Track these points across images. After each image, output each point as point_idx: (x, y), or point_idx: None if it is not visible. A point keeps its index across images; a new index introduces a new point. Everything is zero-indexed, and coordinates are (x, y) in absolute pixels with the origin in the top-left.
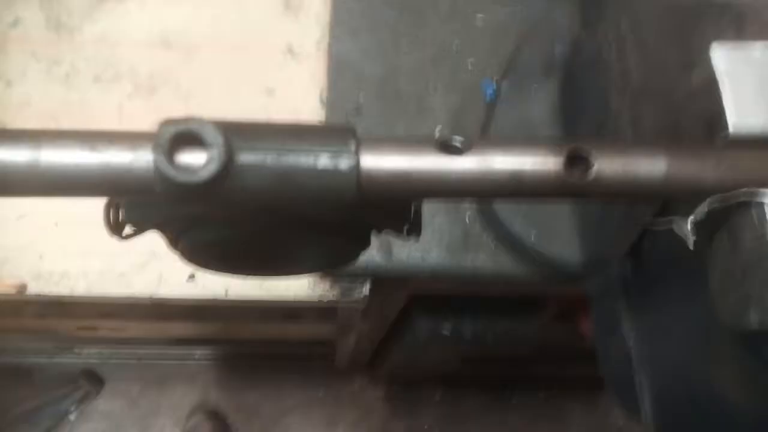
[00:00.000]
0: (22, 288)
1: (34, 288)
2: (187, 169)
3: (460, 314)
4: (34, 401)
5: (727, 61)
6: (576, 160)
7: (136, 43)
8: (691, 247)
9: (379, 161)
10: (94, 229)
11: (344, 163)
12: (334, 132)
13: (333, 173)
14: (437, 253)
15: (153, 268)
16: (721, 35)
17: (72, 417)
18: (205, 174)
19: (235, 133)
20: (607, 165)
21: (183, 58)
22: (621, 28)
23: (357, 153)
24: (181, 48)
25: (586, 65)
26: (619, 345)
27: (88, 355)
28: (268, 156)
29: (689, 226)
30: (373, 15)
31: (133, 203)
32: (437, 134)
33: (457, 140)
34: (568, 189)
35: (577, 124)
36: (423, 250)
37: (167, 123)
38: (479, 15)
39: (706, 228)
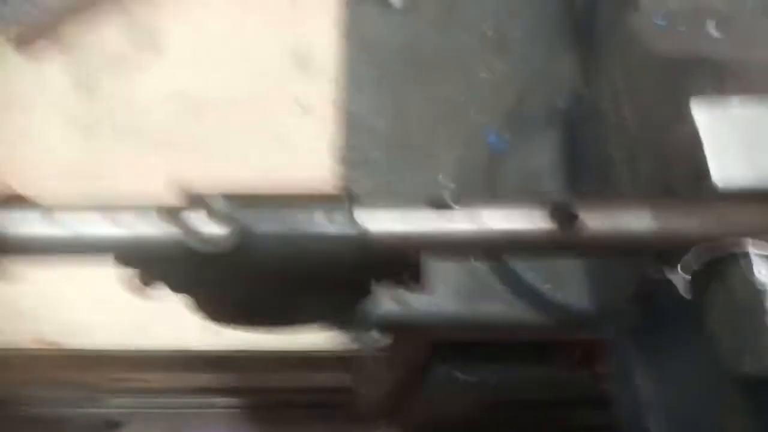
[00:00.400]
0: (43, 341)
1: (56, 340)
2: (209, 241)
3: (479, 361)
4: None
5: (707, 118)
6: (565, 217)
7: (152, 102)
8: (686, 296)
9: (376, 224)
10: (114, 282)
11: (344, 227)
12: (334, 198)
13: (334, 237)
14: (452, 303)
15: (172, 320)
16: (702, 91)
17: None
18: (225, 245)
19: (249, 205)
20: (596, 222)
21: (198, 115)
22: (616, 81)
23: (355, 217)
24: (195, 105)
25: (587, 116)
26: (631, 391)
27: (110, 405)
28: (277, 225)
29: (683, 277)
30: (381, 73)
31: (153, 268)
32: (440, 179)
33: (447, 196)
34: (558, 244)
35: (580, 173)
36: (438, 300)
37: (193, 198)
38: (483, 70)
39: (701, 277)
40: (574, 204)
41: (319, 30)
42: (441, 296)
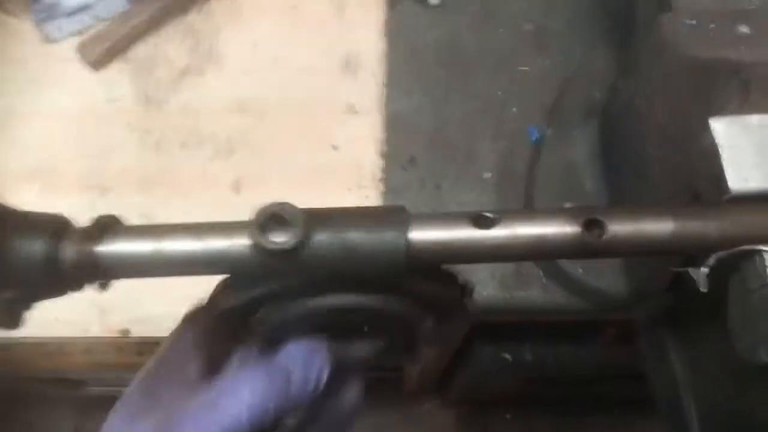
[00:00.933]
0: (125, 332)
1: (136, 331)
2: (275, 240)
3: (520, 340)
4: None
5: (725, 132)
6: (592, 225)
7: (214, 111)
8: (703, 291)
9: (423, 235)
10: (186, 278)
11: (396, 238)
12: (388, 212)
13: (386, 245)
14: (491, 289)
15: None
16: (728, 101)
17: None
18: (289, 243)
19: (312, 215)
20: (620, 227)
21: (256, 121)
22: (651, 80)
23: (406, 229)
24: (254, 112)
25: (623, 111)
26: (666, 370)
27: None
28: (336, 232)
29: (702, 274)
30: (424, 73)
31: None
32: (486, 176)
33: (489, 215)
34: (587, 250)
35: (616, 167)
36: (478, 286)
37: (263, 207)
38: (522, 66)
39: (720, 273)
40: (601, 213)
41: (365, 36)
42: (480, 282)
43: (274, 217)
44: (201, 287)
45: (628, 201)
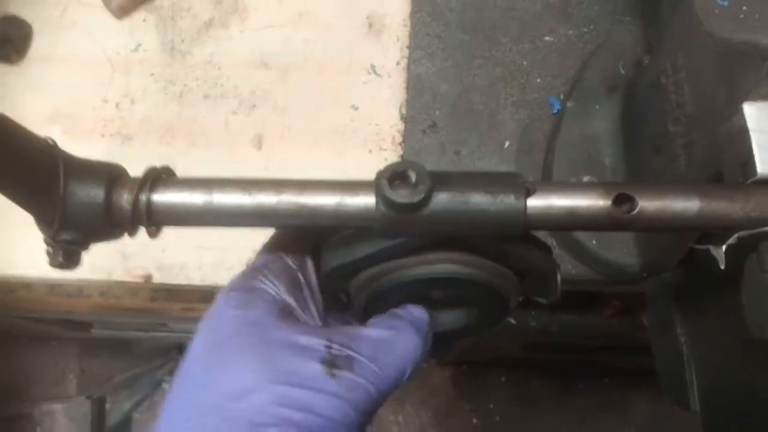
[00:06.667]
0: (148, 278)
1: (158, 278)
2: (401, 195)
3: (526, 306)
4: (133, 370)
5: (756, 117)
6: (623, 199)
7: (238, 65)
8: (722, 268)
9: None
10: (207, 229)
11: (516, 202)
12: (507, 177)
13: (506, 207)
14: None
15: None
16: (756, 86)
17: (166, 385)
18: (414, 198)
19: (436, 175)
20: (648, 203)
21: (279, 77)
22: (678, 57)
23: (525, 194)
24: (277, 68)
25: (648, 88)
26: (671, 343)
27: (180, 331)
28: (458, 192)
29: (722, 252)
30: (448, 38)
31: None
32: (506, 145)
33: (528, 184)
34: (616, 223)
35: (637, 143)
36: None
37: (388, 166)
38: (547, 36)
39: (739, 251)
40: (631, 188)
41: None
42: None
43: (400, 174)
44: (225, 239)
45: (646, 179)
